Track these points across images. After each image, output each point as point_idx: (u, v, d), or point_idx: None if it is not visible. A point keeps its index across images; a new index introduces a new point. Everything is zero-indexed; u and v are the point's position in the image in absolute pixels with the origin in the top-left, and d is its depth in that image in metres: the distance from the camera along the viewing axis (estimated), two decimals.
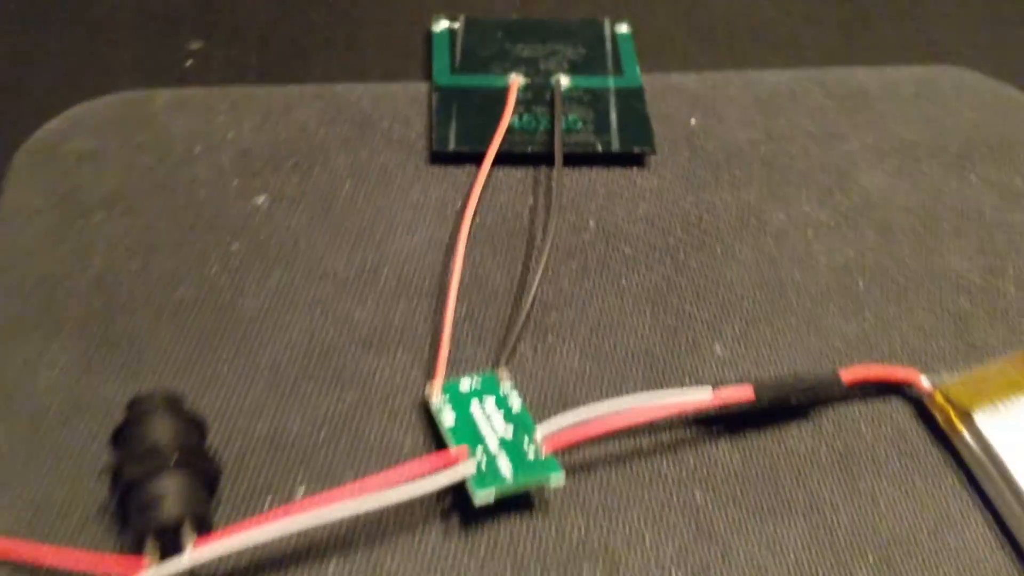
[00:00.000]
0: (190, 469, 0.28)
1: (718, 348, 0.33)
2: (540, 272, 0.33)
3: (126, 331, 0.33)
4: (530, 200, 0.37)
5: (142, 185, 0.36)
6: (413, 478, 0.28)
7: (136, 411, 0.29)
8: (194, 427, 0.29)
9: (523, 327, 0.33)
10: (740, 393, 0.31)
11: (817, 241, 0.36)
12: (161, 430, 0.28)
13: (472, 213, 0.35)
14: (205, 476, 0.28)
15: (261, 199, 0.36)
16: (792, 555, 0.29)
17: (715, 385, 0.31)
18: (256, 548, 0.28)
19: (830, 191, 0.38)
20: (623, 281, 0.35)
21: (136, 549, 0.27)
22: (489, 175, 0.37)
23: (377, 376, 0.32)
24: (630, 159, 0.38)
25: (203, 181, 0.37)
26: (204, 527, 0.27)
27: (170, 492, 0.27)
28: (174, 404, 0.29)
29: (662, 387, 0.32)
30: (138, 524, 0.27)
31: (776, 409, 0.32)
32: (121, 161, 0.37)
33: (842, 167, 0.38)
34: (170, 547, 0.27)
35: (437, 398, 0.31)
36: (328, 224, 0.36)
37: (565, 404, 0.32)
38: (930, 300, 0.35)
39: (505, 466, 0.29)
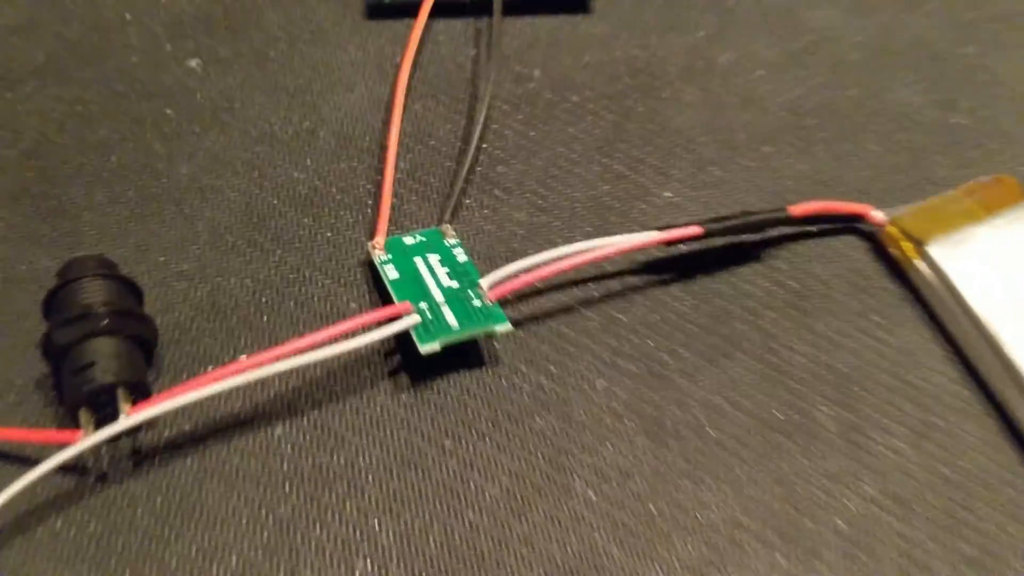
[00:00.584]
0: (123, 333, 0.25)
1: (668, 193, 0.30)
2: (483, 124, 0.30)
3: (60, 202, 0.30)
4: (472, 51, 0.34)
5: (73, 54, 0.33)
6: (356, 331, 0.26)
7: (67, 276, 0.26)
8: (128, 291, 0.26)
9: (468, 181, 0.30)
10: (688, 232, 0.28)
11: (766, 81, 0.33)
12: (92, 294, 0.26)
13: (410, 65, 0.32)
14: (140, 340, 0.26)
15: (194, 62, 0.33)
16: (748, 397, 0.27)
17: (661, 226, 0.28)
18: (199, 413, 0.26)
19: (779, 30, 0.35)
20: (570, 130, 0.32)
21: (74, 420, 0.25)
22: (428, 27, 0.34)
23: (319, 237, 0.29)
24: (574, 5, 0.35)
25: (135, 48, 0.33)
26: (141, 394, 0.25)
27: (101, 357, 0.25)
28: (106, 268, 0.26)
29: (612, 235, 0.29)
30: (70, 393, 0.24)
31: (727, 252, 0.29)
32: (51, 31, 0.34)
33: (791, 5, 0.36)
34: (107, 416, 0.25)
35: (380, 254, 0.28)
36: (263, 84, 0.33)
37: (513, 257, 0.29)
38: (882, 136, 0.32)
39: (450, 316, 0.26)
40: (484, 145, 0.31)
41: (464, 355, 0.27)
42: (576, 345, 0.28)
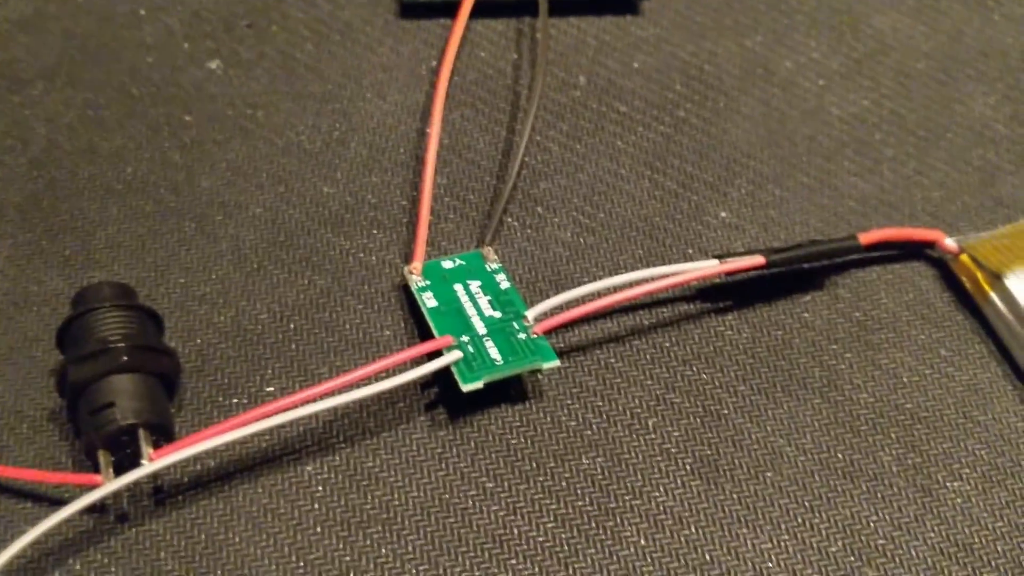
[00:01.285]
0: (144, 369, 0.26)
1: (724, 213, 0.31)
2: (527, 136, 0.31)
3: (72, 217, 0.30)
4: (513, 55, 0.34)
5: (83, 53, 0.33)
6: (394, 369, 0.26)
7: (82, 306, 0.26)
8: (149, 321, 0.27)
9: (509, 199, 0.31)
10: (749, 263, 0.28)
11: (828, 91, 0.34)
12: (109, 326, 0.26)
13: (449, 72, 0.32)
14: (162, 376, 0.26)
15: (215, 64, 0.33)
16: (809, 437, 0.27)
17: (722, 255, 0.29)
18: (225, 449, 0.26)
19: (841, 35, 0.35)
20: (618, 143, 0.32)
21: (92, 459, 0.25)
22: (466, 28, 0.34)
23: (350, 258, 0.30)
24: (623, 5, 0.35)
25: (150, 46, 0.34)
26: (164, 433, 0.25)
27: (121, 396, 0.25)
28: (125, 296, 0.27)
29: (664, 259, 0.30)
30: (88, 435, 0.25)
31: (788, 278, 0.29)
32: (59, 26, 0.34)
33: (854, 8, 0.36)
34: (127, 457, 0.25)
35: (417, 280, 0.28)
36: (289, 89, 0.33)
37: (558, 281, 0.30)
38: (952, 153, 0.33)
39: (493, 351, 0.27)
40: (526, 158, 0.31)
41: (506, 388, 0.28)
42: (625, 379, 0.28)
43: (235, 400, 0.27)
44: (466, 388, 0.26)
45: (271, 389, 0.27)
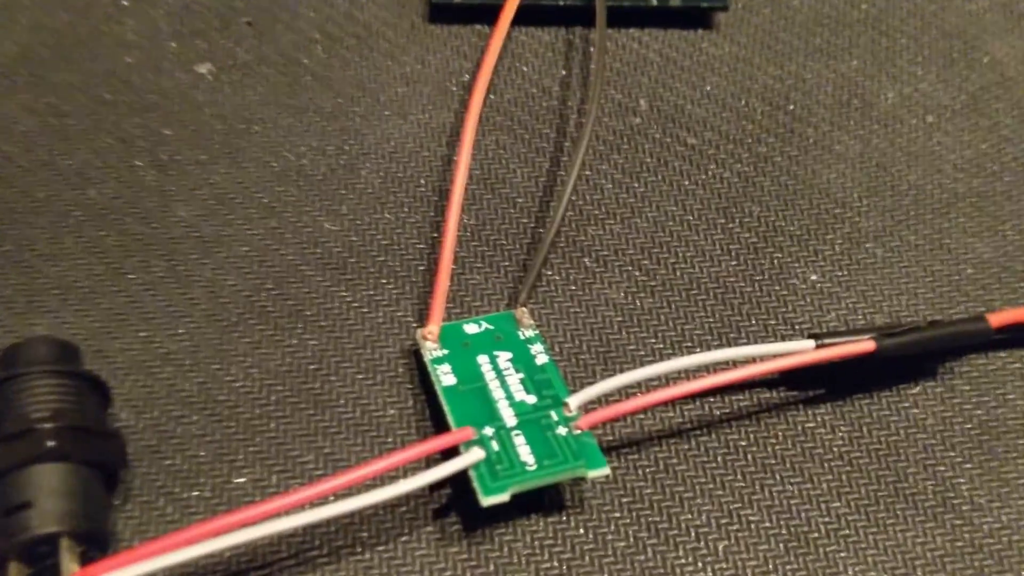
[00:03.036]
0: (76, 457, 0.20)
1: (813, 275, 0.25)
2: (576, 171, 0.25)
3: (18, 247, 0.24)
4: (561, 71, 0.29)
5: (53, 49, 0.28)
6: (397, 471, 0.20)
7: (8, 370, 0.20)
8: (90, 393, 0.21)
9: (551, 247, 0.24)
10: (855, 349, 0.21)
11: (939, 130, 0.28)
12: (38, 399, 0.20)
13: (485, 88, 0.27)
14: (100, 464, 0.20)
15: (205, 68, 0.28)
16: (920, 572, 0.21)
17: (819, 335, 0.22)
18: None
19: (953, 64, 0.29)
20: (686, 183, 0.26)
21: (1, 570, 0.19)
22: (507, 37, 0.28)
23: (351, 313, 0.24)
24: (694, 17, 0.30)
25: (131, 44, 0.28)
26: (96, 543, 0.19)
27: (42, 494, 0.19)
28: (65, 358, 0.21)
29: (739, 330, 0.24)
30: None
31: (893, 360, 0.23)
32: (28, 17, 0.28)
33: (967, 32, 0.30)
34: (47, 569, 0.19)
35: (432, 348, 0.22)
36: (291, 102, 0.27)
37: (607, 354, 0.24)
38: None
39: (525, 450, 0.20)
40: (573, 198, 0.25)
41: (538, 494, 0.21)
42: (689, 486, 0.22)
43: (196, 492, 0.21)
44: (487, 502, 0.20)
45: (242, 480, 0.21)
